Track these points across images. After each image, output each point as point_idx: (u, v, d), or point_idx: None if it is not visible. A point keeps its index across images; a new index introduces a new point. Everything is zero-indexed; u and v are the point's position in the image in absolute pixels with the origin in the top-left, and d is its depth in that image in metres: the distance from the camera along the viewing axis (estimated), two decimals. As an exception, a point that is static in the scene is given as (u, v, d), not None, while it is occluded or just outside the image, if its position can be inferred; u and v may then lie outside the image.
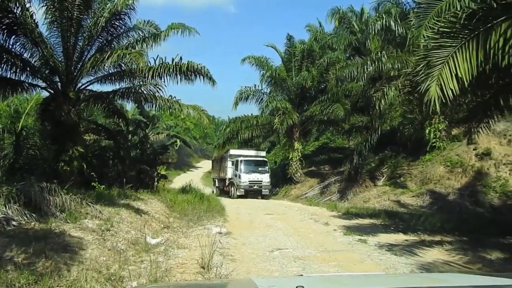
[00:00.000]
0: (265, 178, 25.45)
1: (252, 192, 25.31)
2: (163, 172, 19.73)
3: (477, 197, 15.51)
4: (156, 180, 18.46)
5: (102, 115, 19.63)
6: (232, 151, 27.98)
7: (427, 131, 19.12)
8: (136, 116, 29.41)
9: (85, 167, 13.68)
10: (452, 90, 7.12)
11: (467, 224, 11.47)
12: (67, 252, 6.41)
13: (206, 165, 68.47)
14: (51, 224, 7.34)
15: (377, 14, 23.25)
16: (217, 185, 31.33)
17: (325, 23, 31.92)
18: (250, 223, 13.06)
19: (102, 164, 16.65)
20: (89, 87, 14.91)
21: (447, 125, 19.02)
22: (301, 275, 3.08)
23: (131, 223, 9.39)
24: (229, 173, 27.58)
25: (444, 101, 7.28)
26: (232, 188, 26.44)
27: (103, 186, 13.15)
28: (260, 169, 25.71)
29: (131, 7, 13.75)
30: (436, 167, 18.04)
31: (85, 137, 16.21)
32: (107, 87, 19.33)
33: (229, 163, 27.82)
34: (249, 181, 25.20)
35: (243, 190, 25.14)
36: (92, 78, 14.68)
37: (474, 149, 17.16)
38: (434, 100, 7.11)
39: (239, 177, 25.42)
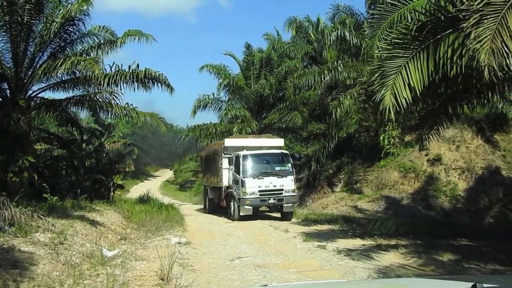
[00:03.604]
0: (287, 184, 15.56)
1: (266, 209, 17.04)
2: (119, 182, 19.20)
3: (429, 201, 16.19)
4: (112, 190, 17.95)
5: (55, 124, 18.98)
6: (229, 141, 17.64)
7: (381, 138, 19.76)
8: (91, 125, 28.34)
9: (36, 178, 13.13)
10: (405, 98, 7.37)
11: (420, 227, 11.88)
12: (17, 268, 6.10)
13: (164, 173, 67.51)
14: (-1, 239, 6.96)
15: (333, 25, 23.91)
16: (209, 196, 20.08)
17: (282, 32, 32.17)
18: (210, 232, 12.94)
19: (55, 174, 15.99)
20: (40, 95, 14.51)
21: (400, 132, 19.73)
22: (265, 285, 3.08)
23: (86, 235, 9.06)
24: (226, 177, 17.21)
25: (398, 109, 7.53)
26: (232, 203, 16.10)
27: (56, 197, 12.68)
28: (277, 168, 15.95)
29: (86, 13, 13.42)
30: (391, 173, 18.64)
31: (36, 147, 15.60)
32: (60, 95, 18.71)
33: (224, 162, 17.19)
34: (259, 190, 15.31)
35: (250, 207, 15.42)
36: (44, 85, 14.28)
37: (425, 155, 17.90)
38: (389, 109, 7.33)
39: (243, 184, 15.37)
